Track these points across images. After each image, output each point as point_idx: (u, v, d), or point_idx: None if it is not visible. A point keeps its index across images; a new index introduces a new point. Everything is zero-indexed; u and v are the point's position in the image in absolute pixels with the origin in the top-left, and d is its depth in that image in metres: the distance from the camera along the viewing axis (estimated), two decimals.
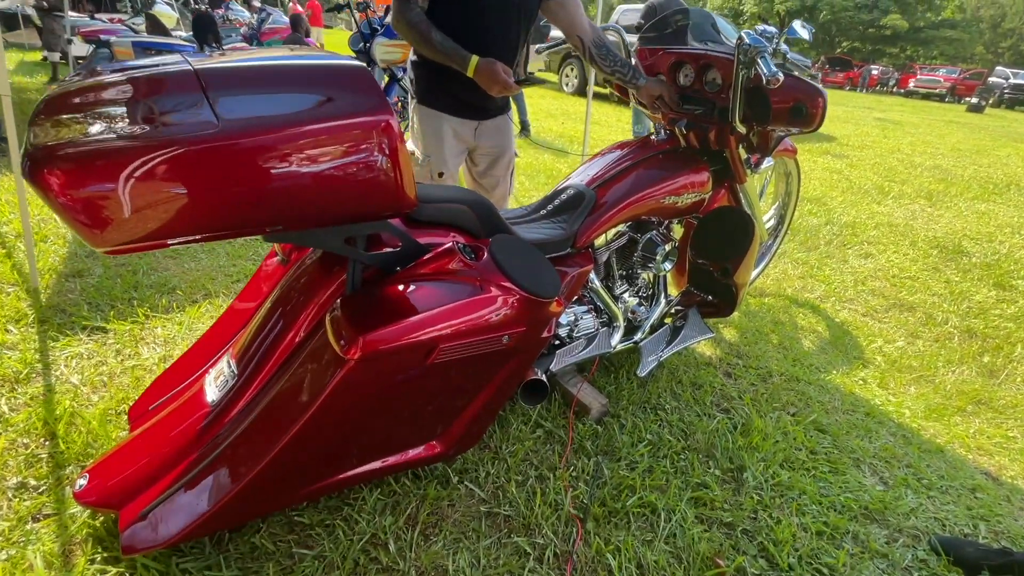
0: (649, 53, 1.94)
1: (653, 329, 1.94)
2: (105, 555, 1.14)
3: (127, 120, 0.79)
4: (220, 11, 7.23)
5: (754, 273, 2.68)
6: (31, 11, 7.56)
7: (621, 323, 1.81)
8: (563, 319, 1.70)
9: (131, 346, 1.85)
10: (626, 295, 1.89)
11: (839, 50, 30.62)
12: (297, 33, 5.07)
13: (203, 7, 6.93)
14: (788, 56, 1.58)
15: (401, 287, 1.16)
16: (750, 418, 1.76)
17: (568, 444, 1.59)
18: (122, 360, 1.78)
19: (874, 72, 24.40)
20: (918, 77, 23.24)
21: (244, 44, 6.24)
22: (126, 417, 1.43)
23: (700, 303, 2.03)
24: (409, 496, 1.36)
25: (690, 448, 1.63)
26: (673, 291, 2.09)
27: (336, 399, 1.05)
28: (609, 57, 1.77)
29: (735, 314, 2.44)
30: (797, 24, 1.57)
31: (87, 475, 1.18)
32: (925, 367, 2.22)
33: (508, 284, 1.19)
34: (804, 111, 1.57)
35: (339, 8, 4.56)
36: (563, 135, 6.25)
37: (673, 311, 2.05)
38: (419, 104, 1.80)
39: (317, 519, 1.27)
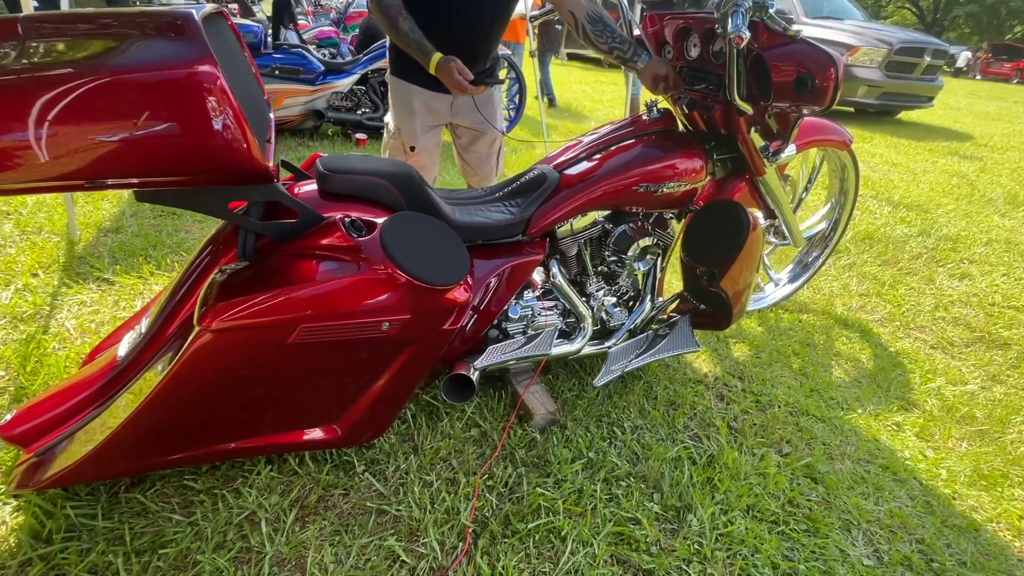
0: (657, 19, 1.68)
1: (632, 335, 1.72)
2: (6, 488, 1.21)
3: None
4: None
5: (792, 286, 2.30)
6: None
7: (589, 324, 1.61)
8: (514, 313, 1.55)
9: (128, 299, 1.99)
10: (600, 294, 1.68)
11: (1009, 36, 25.84)
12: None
13: None
14: (771, 11, 1.27)
15: (276, 260, 1.10)
16: (722, 450, 1.49)
17: (496, 449, 1.45)
18: (115, 311, 1.92)
19: None
20: None
21: (332, 28, 6.57)
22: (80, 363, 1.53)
23: (694, 312, 1.76)
24: (305, 479, 1.31)
25: (636, 475, 1.42)
26: (667, 295, 1.84)
27: (191, 368, 1.02)
28: (606, 33, 1.56)
29: (757, 329, 2.13)
30: None
31: (15, 412, 1.26)
32: (994, 420, 1.76)
33: (390, 266, 1.07)
34: (810, 84, 1.26)
35: None
36: None
37: (661, 317, 1.80)
38: (391, 75, 1.73)
39: (207, 485, 1.26)
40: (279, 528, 1.19)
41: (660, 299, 1.79)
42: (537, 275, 1.66)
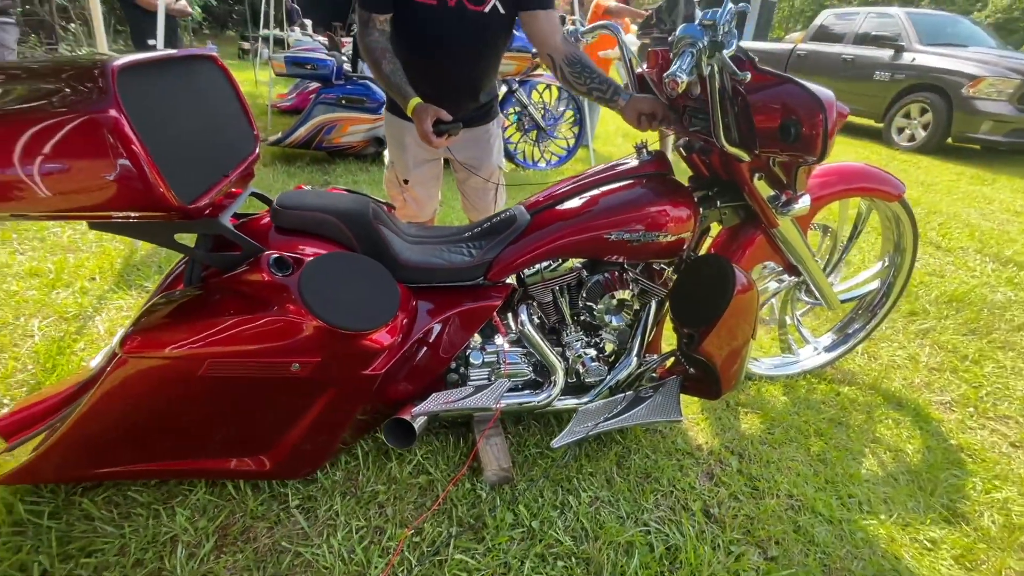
0: (661, 55, 1.57)
1: (613, 393, 1.57)
2: None
3: None
4: None
5: (827, 357, 2.00)
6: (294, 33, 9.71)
7: (560, 377, 1.50)
8: (476, 358, 1.48)
9: None
10: (578, 345, 1.56)
11: None
12: None
13: None
14: (725, 53, 1.09)
15: (208, 292, 1.13)
16: (688, 540, 1.29)
17: (435, 503, 1.37)
18: None
19: None
20: None
21: None
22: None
23: (685, 375, 1.58)
24: (237, 506, 1.32)
25: (579, 555, 1.27)
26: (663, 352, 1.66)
27: (110, 390, 1.07)
28: (584, 74, 1.50)
29: (779, 398, 1.87)
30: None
31: (14, 405, 1.41)
32: None
33: (301, 308, 1.06)
34: (794, 131, 1.08)
35: None
36: None
37: (654, 376, 1.63)
38: (386, 111, 1.76)
39: (149, 499, 1.31)
40: (195, 554, 1.20)
41: (651, 356, 1.63)
42: (511, 321, 1.58)
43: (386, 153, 1.86)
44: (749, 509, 1.42)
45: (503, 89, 4.65)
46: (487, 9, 1.48)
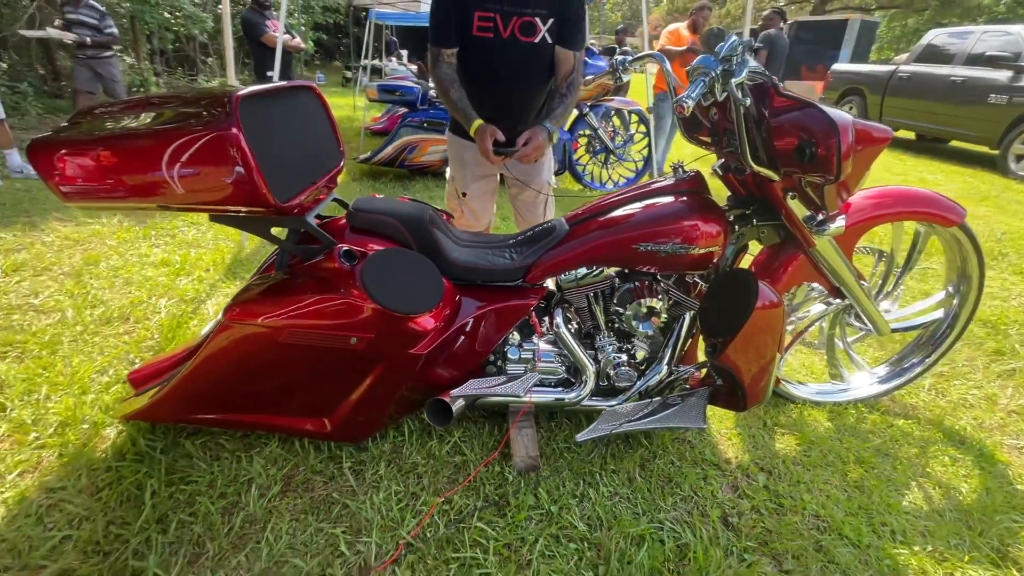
0: None
1: (642, 398, 1.65)
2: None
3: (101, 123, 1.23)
4: None
5: (879, 388, 1.93)
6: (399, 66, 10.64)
7: (591, 377, 1.61)
8: (513, 353, 1.63)
9: None
10: (609, 349, 1.66)
11: None
12: None
13: None
14: (734, 80, 1.16)
15: (293, 275, 1.38)
16: (699, 545, 1.33)
17: (466, 479, 1.52)
18: None
19: None
20: None
21: None
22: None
23: (715, 386, 1.62)
24: (301, 460, 1.55)
25: (591, 541, 1.35)
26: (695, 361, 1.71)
27: (214, 349, 1.34)
28: (552, 100, 1.80)
29: (823, 423, 1.84)
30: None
31: (143, 363, 1.76)
32: None
33: (361, 291, 1.27)
34: (808, 152, 1.14)
35: None
36: None
37: (687, 386, 1.69)
38: (449, 131, 1.99)
39: (234, 447, 1.58)
40: (265, 494, 1.44)
41: (683, 367, 1.69)
42: (547, 322, 1.72)
43: (447, 168, 2.09)
44: (770, 523, 1.43)
45: (574, 113, 4.84)
46: (537, 40, 1.67)
